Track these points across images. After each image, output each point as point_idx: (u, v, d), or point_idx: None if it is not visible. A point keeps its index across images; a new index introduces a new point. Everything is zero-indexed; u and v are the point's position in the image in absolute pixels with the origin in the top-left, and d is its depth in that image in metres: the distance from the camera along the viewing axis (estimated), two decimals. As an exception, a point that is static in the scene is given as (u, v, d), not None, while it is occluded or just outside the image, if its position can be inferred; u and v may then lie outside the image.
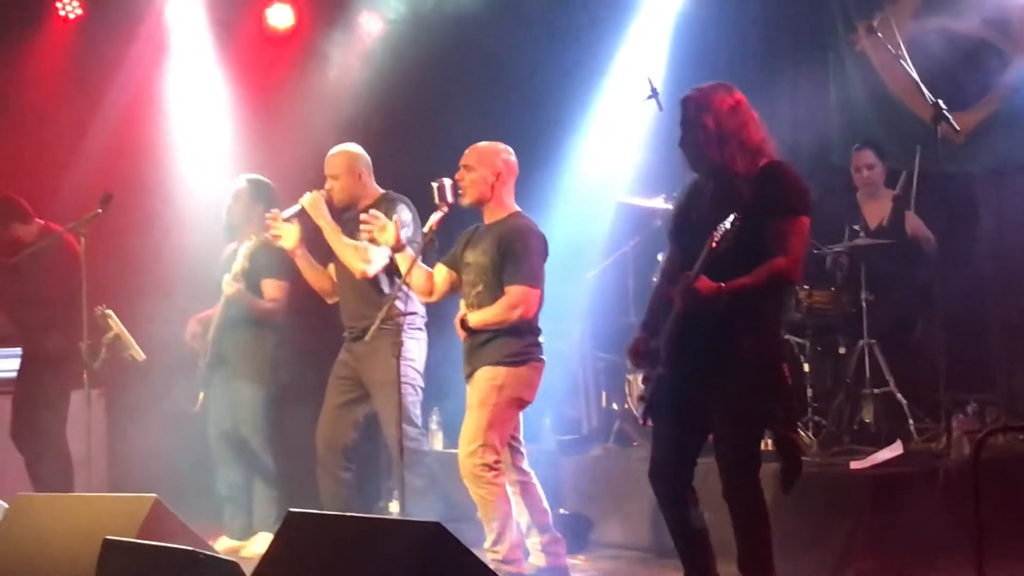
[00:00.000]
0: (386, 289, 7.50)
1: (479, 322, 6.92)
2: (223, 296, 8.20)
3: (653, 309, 5.96)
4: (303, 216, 7.69)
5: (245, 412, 8.40)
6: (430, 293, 7.27)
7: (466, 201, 7.04)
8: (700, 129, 5.65)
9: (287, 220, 7.70)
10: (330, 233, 7.61)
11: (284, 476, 8.51)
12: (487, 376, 6.89)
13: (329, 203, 7.70)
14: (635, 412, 8.69)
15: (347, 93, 10.36)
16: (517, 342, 6.91)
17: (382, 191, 7.80)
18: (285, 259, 8.12)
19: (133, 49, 10.40)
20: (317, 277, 7.91)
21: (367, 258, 7.52)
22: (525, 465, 7.19)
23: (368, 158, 7.85)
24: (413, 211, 7.63)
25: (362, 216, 7.25)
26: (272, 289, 8.32)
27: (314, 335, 8.85)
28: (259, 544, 8.25)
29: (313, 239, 7.82)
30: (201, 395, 8.42)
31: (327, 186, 7.74)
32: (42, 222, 8.81)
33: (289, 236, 7.68)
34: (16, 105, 10.15)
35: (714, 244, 5.33)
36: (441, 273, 7.25)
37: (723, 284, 5.39)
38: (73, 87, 10.24)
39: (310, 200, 7.64)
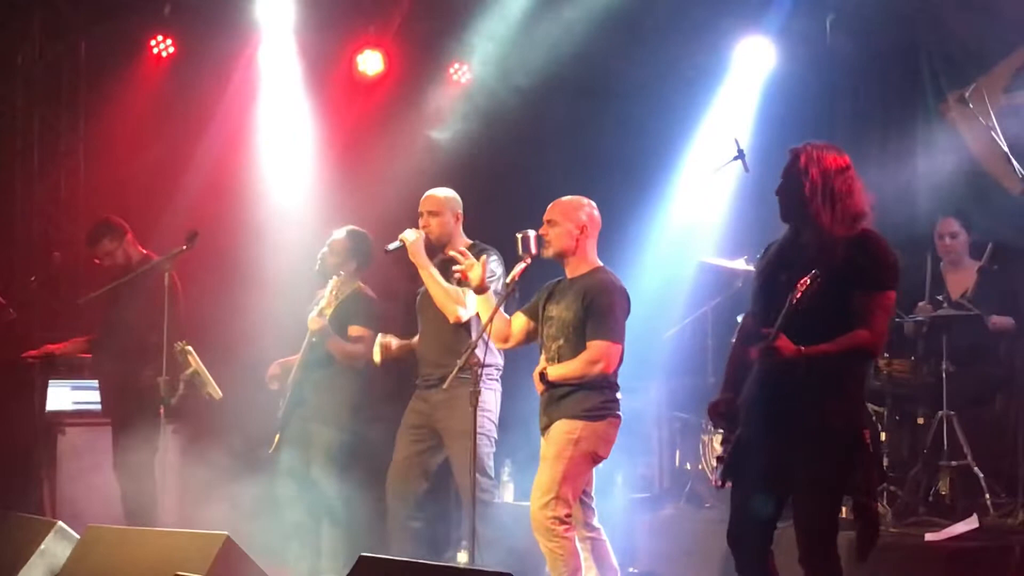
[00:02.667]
0: (471, 337, 7.46)
1: (559, 376, 6.90)
2: (308, 335, 8.24)
3: (732, 367, 5.92)
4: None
5: (319, 453, 8.42)
6: (507, 340, 7.27)
7: (549, 253, 7.04)
8: (807, 181, 5.61)
9: (388, 251, 7.70)
10: (427, 274, 7.58)
11: (354, 520, 8.51)
12: (564, 429, 6.86)
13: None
14: (709, 473, 8.64)
15: (435, 141, 10.40)
16: (596, 397, 6.88)
17: (469, 240, 7.82)
18: (374, 307, 8.17)
19: (225, 89, 10.55)
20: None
21: (462, 301, 7.51)
22: (595, 521, 7.15)
23: (460, 202, 7.88)
24: (501, 262, 7.63)
25: (451, 253, 7.25)
26: (356, 334, 8.35)
27: (391, 381, 8.86)
28: (330, 587, 8.28)
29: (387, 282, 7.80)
30: (277, 436, 8.45)
31: (422, 223, 7.74)
32: (144, 251, 8.90)
33: (475, 272, 7.23)
34: (110, 141, 10.30)
35: (795, 300, 5.31)
36: (519, 321, 7.25)
37: (803, 348, 5.35)
38: (166, 125, 10.37)
39: (413, 237, 7.63)
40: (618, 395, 6.98)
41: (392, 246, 7.67)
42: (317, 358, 8.30)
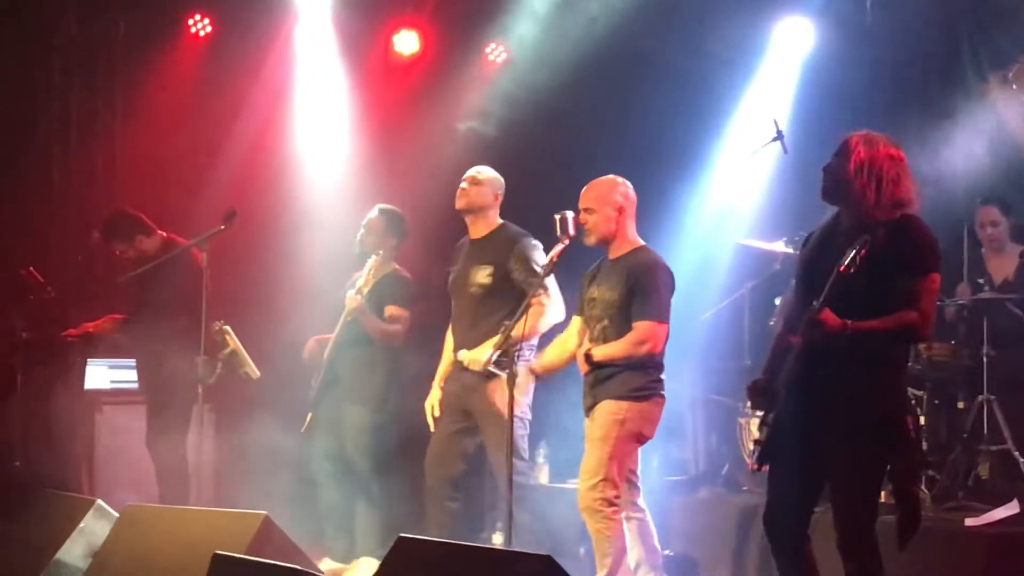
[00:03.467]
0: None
1: (605, 356, 6.89)
2: (344, 313, 8.24)
3: (774, 352, 5.88)
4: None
5: (353, 434, 8.44)
6: (569, 354, 7.26)
7: (592, 241, 7.04)
8: (854, 158, 5.56)
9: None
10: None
11: (388, 500, 8.52)
12: (610, 410, 6.85)
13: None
14: (746, 456, 8.61)
15: (470, 122, 10.37)
16: (641, 377, 6.87)
17: (500, 221, 7.81)
18: (410, 288, 8.20)
19: (262, 69, 10.53)
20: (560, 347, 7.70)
21: (552, 306, 7.54)
22: (641, 501, 7.15)
23: (502, 182, 7.89)
24: (537, 244, 7.61)
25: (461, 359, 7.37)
26: (394, 314, 8.35)
27: (428, 361, 8.85)
28: (362, 569, 8.27)
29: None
30: (309, 415, 8.46)
31: (458, 194, 7.76)
32: (164, 235, 8.90)
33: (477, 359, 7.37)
34: (147, 120, 10.30)
35: (841, 269, 5.27)
36: (576, 325, 7.27)
37: (850, 323, 5.31)
38: (203, 104, 10.35)
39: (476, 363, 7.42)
40: (662, 375, 6.97)
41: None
42: (353, 337, 8.31)
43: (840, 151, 5.65)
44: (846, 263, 5.30)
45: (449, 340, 7.84)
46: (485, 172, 7.84)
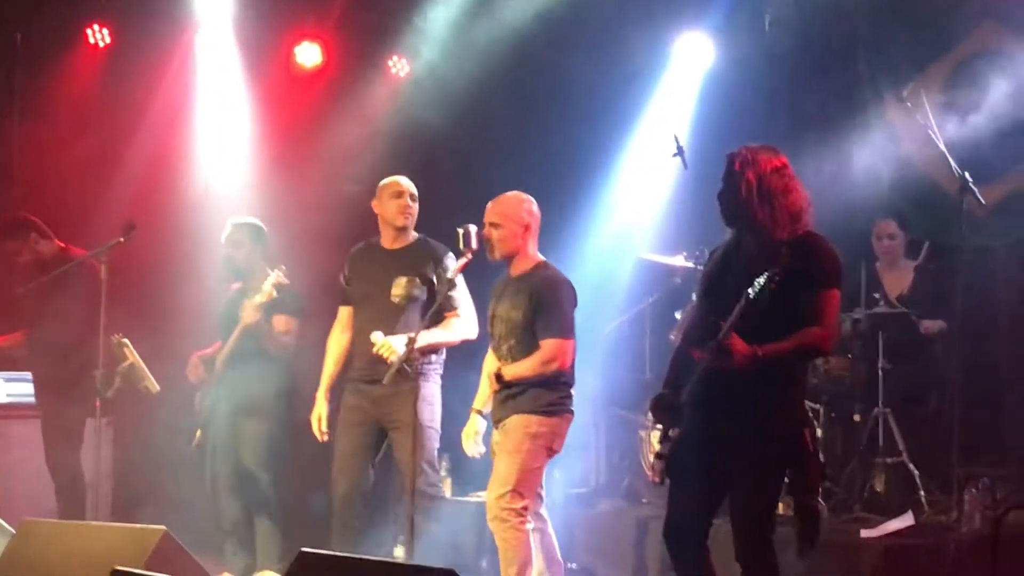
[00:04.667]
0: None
1: (514, 375, 6.95)
2: (238, 327, 8.19)
3: (675, 366, 5.95)
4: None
5: (251, 447, 8.39)
6: None
7: (496, 256, 7.07)
8: (743, 183, 5.64)
9: (350, 255, 7.65)
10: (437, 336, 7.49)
11: (287, 514, 8.48)
12: (521, 423, 6.91)
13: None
14: (646, 469, 8.67)
15: (373, 134, 10.36)
16: (552, 392, 6.95)
17: (416, 235, 7.80)
18: (299, 298, 8.16)
19: (162, 80, 10.43)
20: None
21: (467, 327, 7.57)
22: (543, 512, 7.19)
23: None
24: (454, 258, 7.60)
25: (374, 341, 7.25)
26: (284, 324, 8.32)
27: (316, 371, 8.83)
28: (264, 581, 8.24)
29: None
30: (198, 432, 8.41)
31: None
32: (62, 244, 8.82)
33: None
34: (46, 130, 10.17)
35: (751, 297, 5.32)
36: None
37: (758, 348, 5.37)
38: (103, 114, 10.25)
39: (389, 350, 7.34)
40: (572, 391, 7.03)
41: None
42: (246, 349, 8.25)
43: (727, 176, 5.71)
44: (755, 292, 5.34)
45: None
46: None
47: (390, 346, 7.25)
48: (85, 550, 6.31)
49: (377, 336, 7.39)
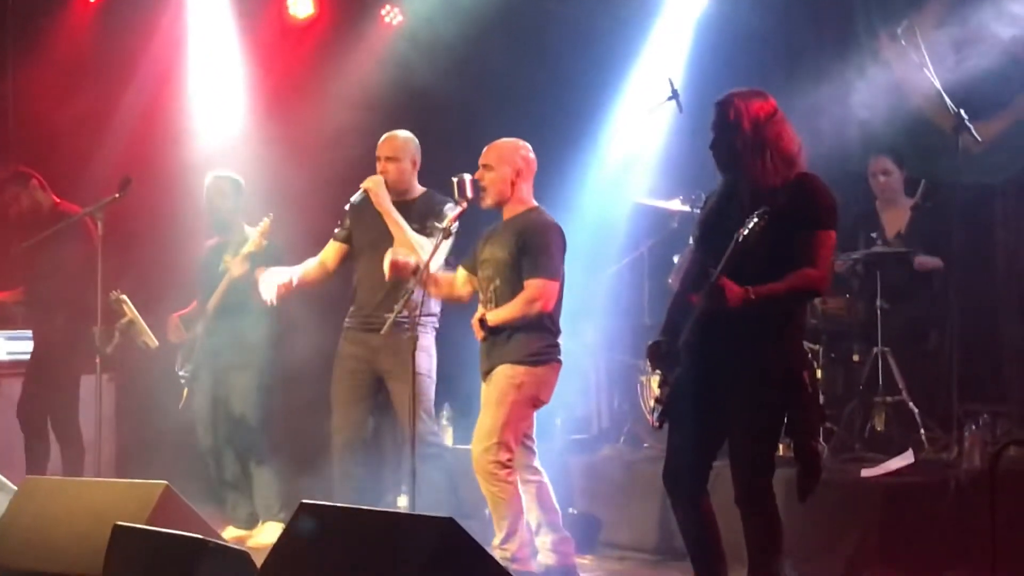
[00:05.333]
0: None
1: (499, 319, 6.92)
2: (224, 280, 8.19)
3: (673, 312, 5.94)
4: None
5: (241, 399, 8.42)
6: (458, 298, 7.28)
7: (488, 203, 7.05)
8: (736, 133, 5.62)
9: (353, 205, 7.57)
10: (392, 220, 7.47)
11: (289, 465, 8.51)
12: (506, 374, 6.89)
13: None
14: (647, 414, 8.68)
15: (367, 85, 10.32)
16: (537, 341, 6.91)
17: (423, 188, 7.76)
18: (281, 250, 8.14)
19: (155, 33, 10.42)
20: (315, 275, 7.84)
21: (425, 249, 7.45)
22: (537, 464, 7.19)
23: (419, 146, 7.78)
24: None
25: (392, 260, 7.16)
26: None
27: (314, 322, 8.83)
28: (266, 534, 8.27)
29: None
30: (185, 391, 8.43)
31: (380, 168, 7.63)
32: (57, 200, 8.83)
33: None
34: (38, 87, 10.17)
35: (740, 239, 5.32)
36: (462, 276, 7.26)
37: (751, 289, 5.37)
38: (95, 70, 10.25)
39: (373, 183, 7.51)
40: (559, 340, 7.00)
41: (356, 198, 7.49)
42: (236, 303, 8.25)
43: (720, 127, 5.68)
44: (745, 234, 5.34)
45: None
46: (397, 145, 7.69)
47: (407, 252, 7.18)
48: (87, 506, 6.35)
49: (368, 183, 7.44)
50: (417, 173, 7.76)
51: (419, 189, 7.75)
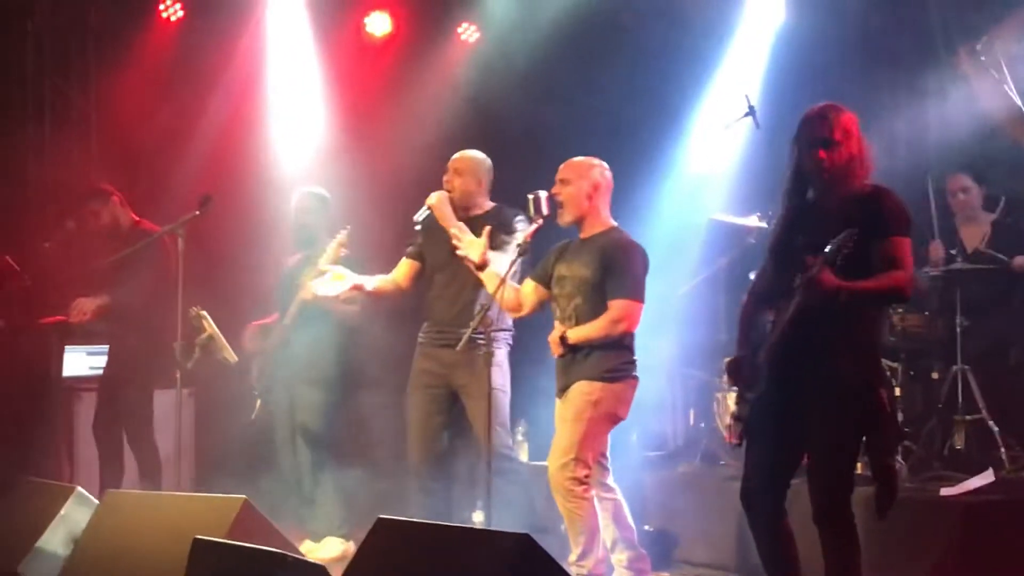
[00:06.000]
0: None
1: (581, 337, 6.90)
2: (300, 296, 8.24)
3: (744, 326, 5.94)
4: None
5: (308, 414, 8.48)
6: (519, 308, 7.28)
7: (567, 219, 7.04)
8: (854, 144, 5.64)
9: (419, 224, 7.59)
10: (459, 237, 7.44)
11: (354, 479, 8.55)
12: (584, 391, 6.88)
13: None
14: (723, 430, 8.65)
15: (443, 102, 10.38)
16: (615, 358, 6.91)
17: (493, 204, 7.78)
18: (364, 265, 8.18)
19: (234, 52, 10.54)
20: (389, 290, 7.88)
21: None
22: (611, 481, 7.17)
23: (490, 167, 7.79)
24: (527, 226, 7.57)
25: (452, 231, 7.23)
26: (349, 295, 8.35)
27: (381, 340, 8.88)
28: (326, 548, 8.33)
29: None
30: (258, 402, 8.49)
31: (446, 180, 7.66)
32: (136, 218, 8.94)
33: (474, 248, 7.25)
34: (120, 105, 10.30)
35: (830, 251, 5.30)
36: (529, 288, 7.25)
37: (845, 283, 5.35)
38: (176, 89, 10.36)
39: (437, 200, 7.54)
40: (635, 357, 7.00)
41: (421, 215, 7.53)
42: (307, 317, 8.31)
43: (815, 137, 5.67)
44: (834, 248, 5.31)
45: None
46: (468, 159, 7.72)
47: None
48: (167, 520, 6.41)
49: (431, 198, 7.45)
50: (487, 192, 7.76)
51: (488, 204, 7.76)
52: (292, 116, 10.66)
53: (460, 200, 7.64)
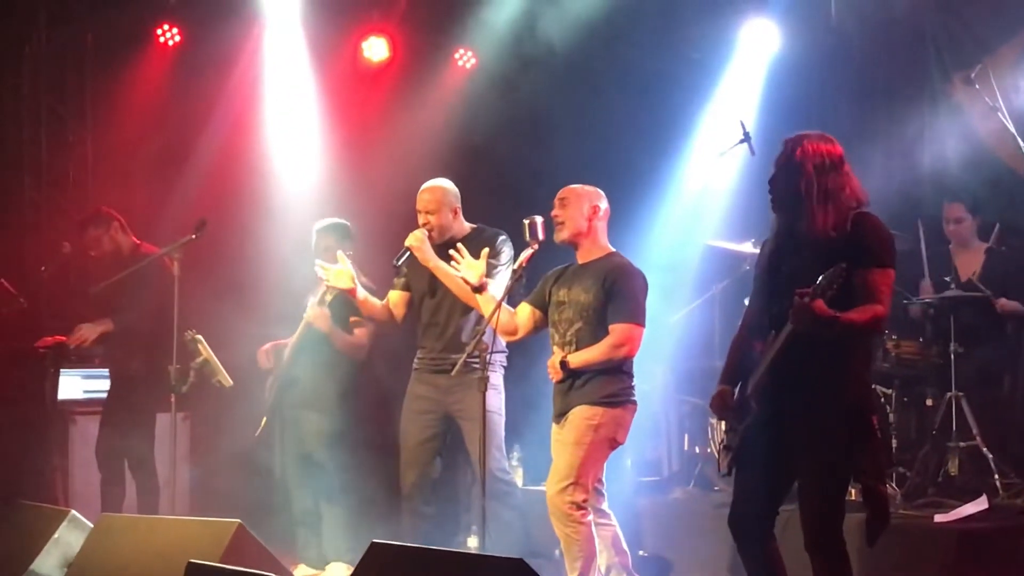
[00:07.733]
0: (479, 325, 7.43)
1: (582, 362, 6.90)
2: (304, 321, 8.26)
3: (733, 356, 5.94)
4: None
5: (313, 439, 8.47)
6: (514, 332, 7.28)
7: (564, 236, 7.04)
8: (801, 176, 5.60)
9: (398, 266, 7.65)
10: (441, 273, 7.47)
11: (358, 505, 8.54)
12: (585, 415, 6.87)
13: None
14: (717, 457, 8.65)
15: (440, 127, 10.40)
16: (615, 383, 6.91)
17: (472, 225, 7.80)
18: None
19: (231, 77, 10.54)
20: (380, 311, 7.91)
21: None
22: (605, 507, 7.17)
23: (458, 192, 7.81)
24: (510, 243, 7.61)
25: (451, 252, 7.26)
26: (359, 328, 8.35)
27: (386, 366, 8.89)
28: (332, 573, 8.30)
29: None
30: (264, 419, 8.49)
31: (422, 221, 7.70)
32: (136, 241, 8.95)
33: (342, 278, 7.63)
34: (117, 129, 10.33)
35: (818, 287, 5.29)
36: (525, 312, 7.25)
37: (839, 313, 5.33)
38: (173, 113, 10.39)
39: (416, 240, 7.53)
40: (634, 382, 7.01)
41: (401, 259, 7.56)
42: (312, 342, 8.31)
43: (787, 164, 5.66)
44: (818, 291, 5.30)
45: None
46: (434, 198, 7.68)
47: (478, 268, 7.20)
48: (161, 544, 6.41)
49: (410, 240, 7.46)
50: (460, 215, 7.77)
51: (466, 228, 7.77)
52: (289, 141, 10.67)
53: (439, 235, 7.65)
